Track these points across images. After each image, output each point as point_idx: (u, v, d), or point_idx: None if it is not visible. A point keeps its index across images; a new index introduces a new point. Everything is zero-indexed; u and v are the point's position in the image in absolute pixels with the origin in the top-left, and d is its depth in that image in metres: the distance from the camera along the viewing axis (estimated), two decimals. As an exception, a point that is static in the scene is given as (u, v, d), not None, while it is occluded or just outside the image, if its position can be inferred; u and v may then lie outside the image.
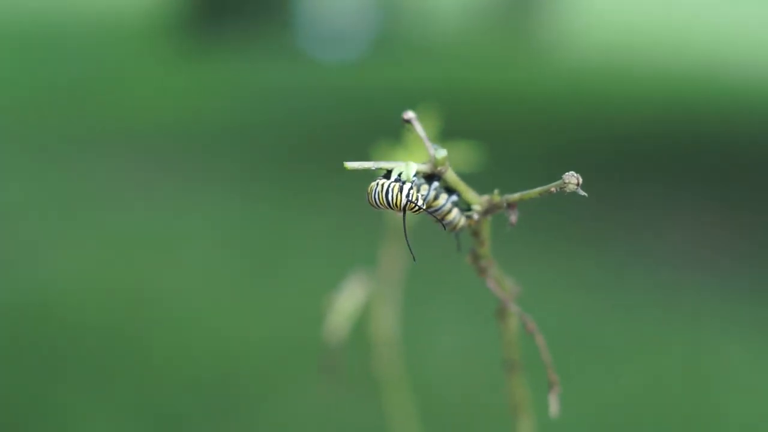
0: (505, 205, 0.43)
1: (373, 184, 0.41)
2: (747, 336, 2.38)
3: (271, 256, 2.80)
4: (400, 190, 0.41)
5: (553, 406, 0.52)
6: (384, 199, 0.41)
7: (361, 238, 2.63)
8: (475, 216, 0.44)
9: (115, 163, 3.69)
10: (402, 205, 0.41)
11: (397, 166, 0.41)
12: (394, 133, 0.77)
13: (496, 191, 0.43)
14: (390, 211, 0.42)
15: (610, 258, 2.87)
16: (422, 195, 0.43)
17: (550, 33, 7.60)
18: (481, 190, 0.45)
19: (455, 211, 0.45)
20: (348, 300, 0.79)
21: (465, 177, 0.46)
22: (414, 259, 0.44)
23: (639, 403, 2.05)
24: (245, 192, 3.38)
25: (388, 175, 0.42)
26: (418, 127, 0.42)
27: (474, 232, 0.45)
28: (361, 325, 0.81)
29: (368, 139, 0.89)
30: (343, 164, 0.40)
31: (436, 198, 0.44)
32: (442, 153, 0.41)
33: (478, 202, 0.43)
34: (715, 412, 2.04)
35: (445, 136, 0.80)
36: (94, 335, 2.26)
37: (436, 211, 0.44)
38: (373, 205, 0.42)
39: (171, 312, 2.38)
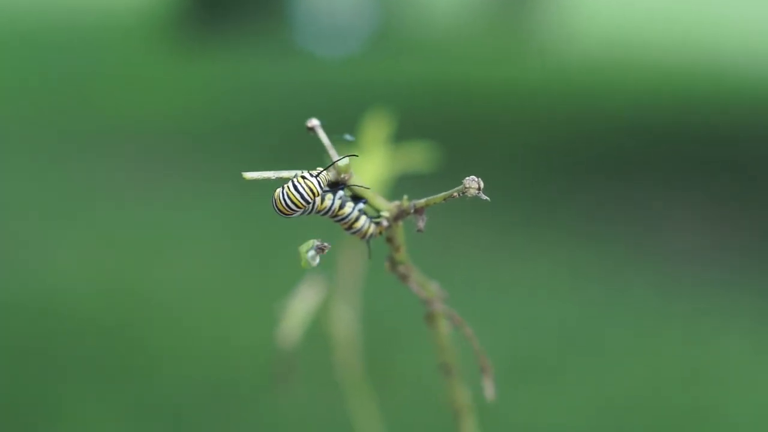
0: (412, 210, 0.42)
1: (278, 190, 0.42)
2: (746, 331, 2.37)
3: (271, 254, 2.80)
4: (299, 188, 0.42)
5: (489, 389, 0.52)
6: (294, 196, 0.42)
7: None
8: (384, 222, 0.43)
9: (114, 161, 3.70)
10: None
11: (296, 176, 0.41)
12: (393, 129, 0.77)
13: (405, 197, 0.43)
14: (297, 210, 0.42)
15: (609, 254, 2.86)
16: (326, 205, 0.43)
17: (549, 28, 7.58)
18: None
19: (363, 219, 0.44)
20: (302, 304, 0.79)
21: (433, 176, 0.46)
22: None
23: (639, 398, 2.04)
24: (244, 189, 3.38)
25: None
26: (322, 135, 0.42)
27: (387, 238, 0.44)
28: (321, 328, 0.81)
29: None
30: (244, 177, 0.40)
31: (341, 207, 0.44)
32: (344, 161, 0.41)
33: (387, 208, 0.43)
34: (715, 407, 2.04)
35: (437, 131, 0.80)
36: (95, 334, 2.26)
37: (343, 219, 0.44)
38: (283, 210, 0.42)
39: (171, 311, 2.39)
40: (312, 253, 0.42)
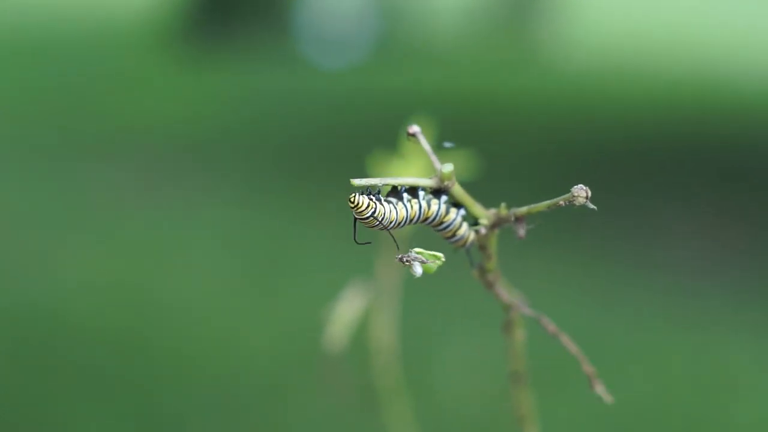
0: (513, 218, 0.42)
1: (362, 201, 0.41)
2: (751, 341, 2.38)
3: (274, 262, 2.80)
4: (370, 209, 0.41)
5: (604, 394, 0.53)
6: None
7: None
8: (482, 230, 0.43)
9: (119, 170, 3.69)
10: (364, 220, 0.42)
11: (403, 182, 0.41)
12: (395, 138, 0.76)
13: (503, 204, 0.43)
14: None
15: (614, 266, 2.86)
16: (434, 211, 0.42)
17: (550, 37, 7.58)
18: (482, 197, 0.45)
19: (465, 226, 0.44)
20: (346, 310, 0.78)
21: (465, 185, 0.46)
22: (398, 247, 0.43)
23: (644, 409, 2.05)
24: (247, 198, 3.38)
25: (394, 191, 0.42)
26: (424, 142, 0.41)
27: (481, 246, 0.44)
28: (360, 334, 0.80)
29: (370, 144, 0.88)
30: (350, 181, 0.39)
31: (447, 213, 0.44)
32: (448, 167, 0.41)
33: (485, 215, 0.43)
34: (720, 417, 2.04)
35: (443, 141, 0.79)
36: (99, 341, 2.25)
37: (447, 227, 0.44)
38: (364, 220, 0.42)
39: (175, 320, 2.38)
40: (418, 269, 0.42)
